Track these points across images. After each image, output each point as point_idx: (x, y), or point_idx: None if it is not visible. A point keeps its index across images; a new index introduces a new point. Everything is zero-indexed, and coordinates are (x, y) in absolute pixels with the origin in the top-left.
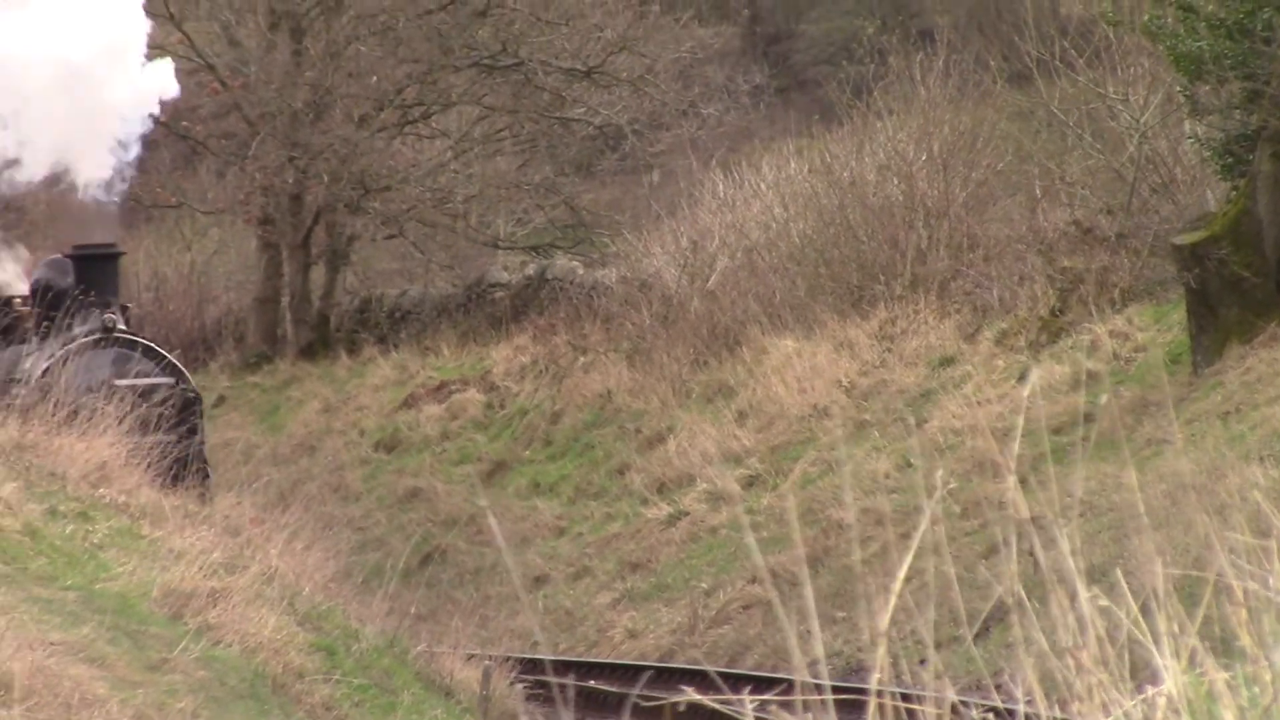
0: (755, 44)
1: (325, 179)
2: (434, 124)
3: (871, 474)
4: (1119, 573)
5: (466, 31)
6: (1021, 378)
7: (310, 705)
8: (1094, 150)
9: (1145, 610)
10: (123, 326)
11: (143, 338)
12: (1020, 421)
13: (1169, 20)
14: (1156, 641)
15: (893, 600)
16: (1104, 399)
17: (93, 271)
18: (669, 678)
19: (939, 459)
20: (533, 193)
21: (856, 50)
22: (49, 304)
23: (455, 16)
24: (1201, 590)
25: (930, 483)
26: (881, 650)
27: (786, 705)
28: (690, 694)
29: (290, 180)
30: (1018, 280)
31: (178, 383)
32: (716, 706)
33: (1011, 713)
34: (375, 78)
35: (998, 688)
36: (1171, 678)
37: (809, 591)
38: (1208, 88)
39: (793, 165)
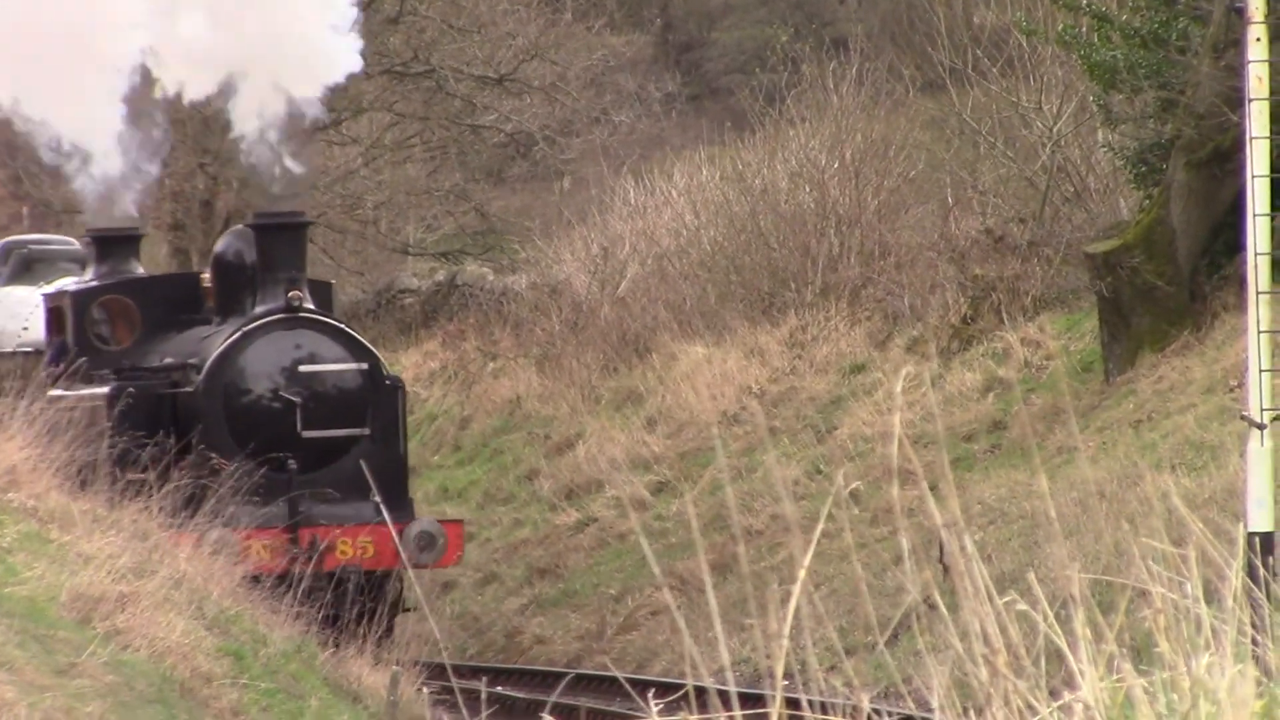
0: (667, 52)
1: (235, 185)
2: (344, 130)
3: (781, 480)
4: (1033, 578)
5: (378, 38)
6: (933, 384)
7: (218, 710)
8: (1007, 159)
9: (1060, 617)
10: (310, 305)
11: (332, 317)
12: (895, 425)
13: (1083, 29)
14: (1073, 647)
15: (792, 605)
16: (1015, 407)
17: (275, 242)
18: (577, 684)
19: (848, 465)
20: (443, 199)
21: (769, 58)
22: (229, 280)
23: (367, 24)
24: (1115, 598)
25: (839, 489)
26: (779, 656)
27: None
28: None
29: (201, 186)
30: (929, 288)
31: (372, 368)
32: (624, 713)
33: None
34: None
35: (912, 695)
36: (1088, 684)
37: (712, 598)
38: (1122, 97)
39: (704, 173)
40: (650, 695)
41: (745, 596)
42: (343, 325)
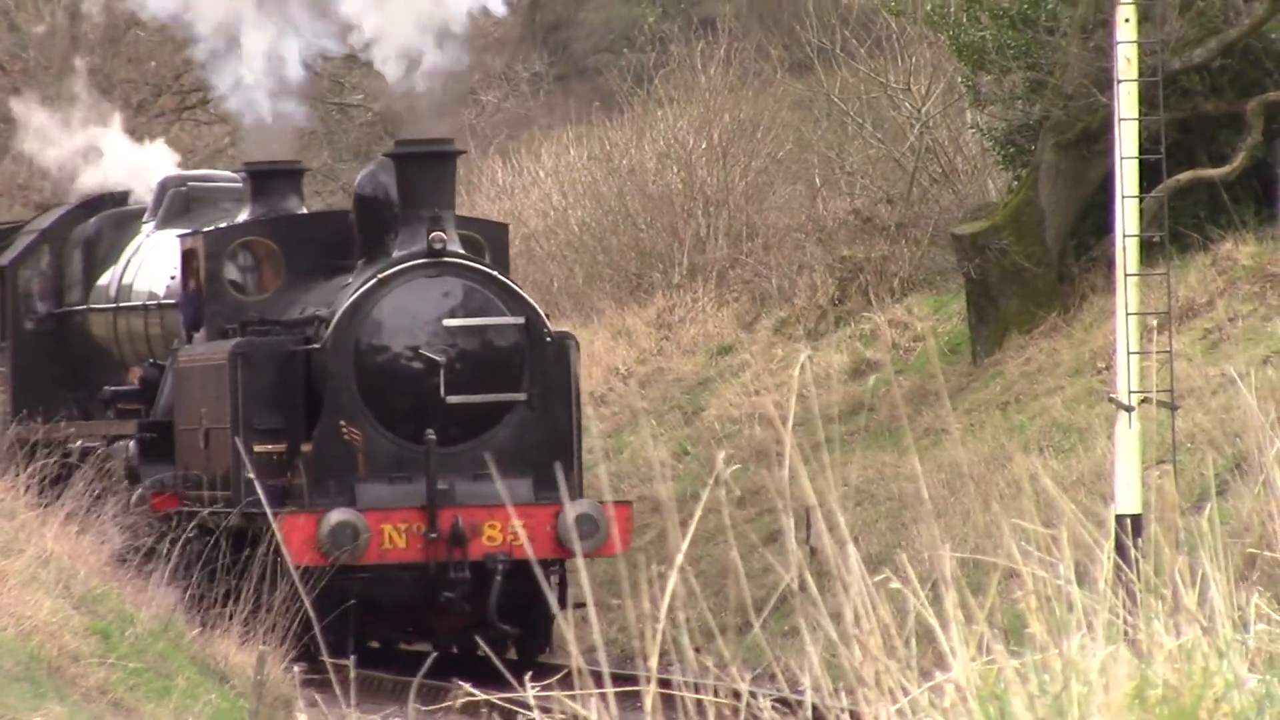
0: (534, 31)
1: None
2: (212, 110)
3: (648, 461)
4: (904, 558)
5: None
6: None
7: (85, 688)
8: (874, 140)
9: (931, 598)
10: (455, 249)
11: (483, 263)
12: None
13: (952, 9)
14: (944, 627)
15: (670, 587)
16: (884, 388)
17: (417, 175)
18: (451, 665)
19: (716, 447)
20: (310, 179)
21: (637, 38)
22: (370, 219)
23: None
24: (985, 580)
25: (721, 470)
26: (653, 637)
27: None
28: (467, 687)
29: None
30: (797, 269)
31: (530, 322)
32: (496, 700)
33: (799, 702)
34: (154, 63)
35: (784, 675)
36: (960, 664)
37: (585, 578)
38: (990, 77)
39: (572, 153)
40: (527, 677)
41: (614, 576)
42: (496, 272)
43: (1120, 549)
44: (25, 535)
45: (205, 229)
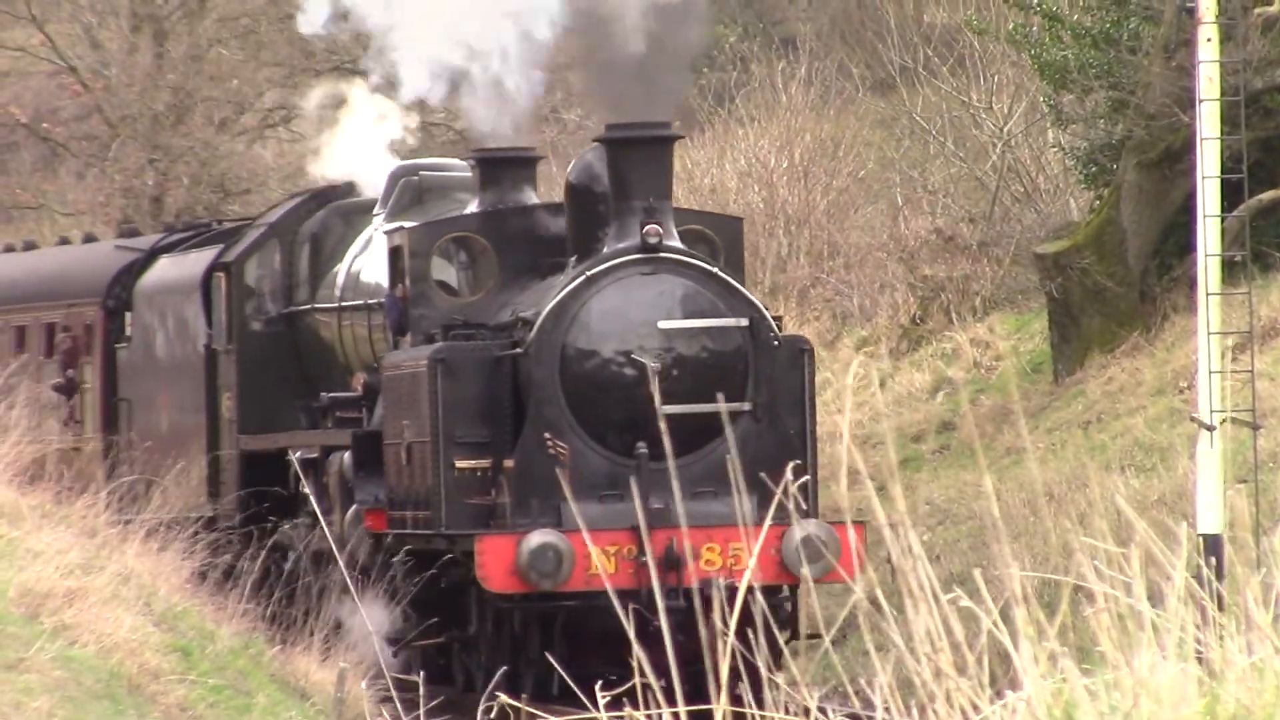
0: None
1: (185, 182)
2: (294, 128)
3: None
4: (978, 576)
5: (327, 35)
6: (882, 385)
7: (166, 706)
8: (956, 158)
9: (1005, 616)
10: (673, 243)
11: (703, 258)
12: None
13: (1034, 29)
14: (1016, 645)
15: (737, 605)
16: (964, 407)
17: (629, 161)
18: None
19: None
20: None
21: (718, 57)
22: (582, 212)
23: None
24: (1060, 599)
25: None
26: (724, 655)
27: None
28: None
29: (150, 183)
30: (878, 288)
31: (755, 325)
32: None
33: (870, 718)
34: (236, 81)
35: (856, 693)
36: (1031, 682)
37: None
38: (1072, 97)
39: None
40: (596, 688)
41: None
42: (717, 269)
43: (1197, 568)
44: (107, 552)
45: (410, 224)
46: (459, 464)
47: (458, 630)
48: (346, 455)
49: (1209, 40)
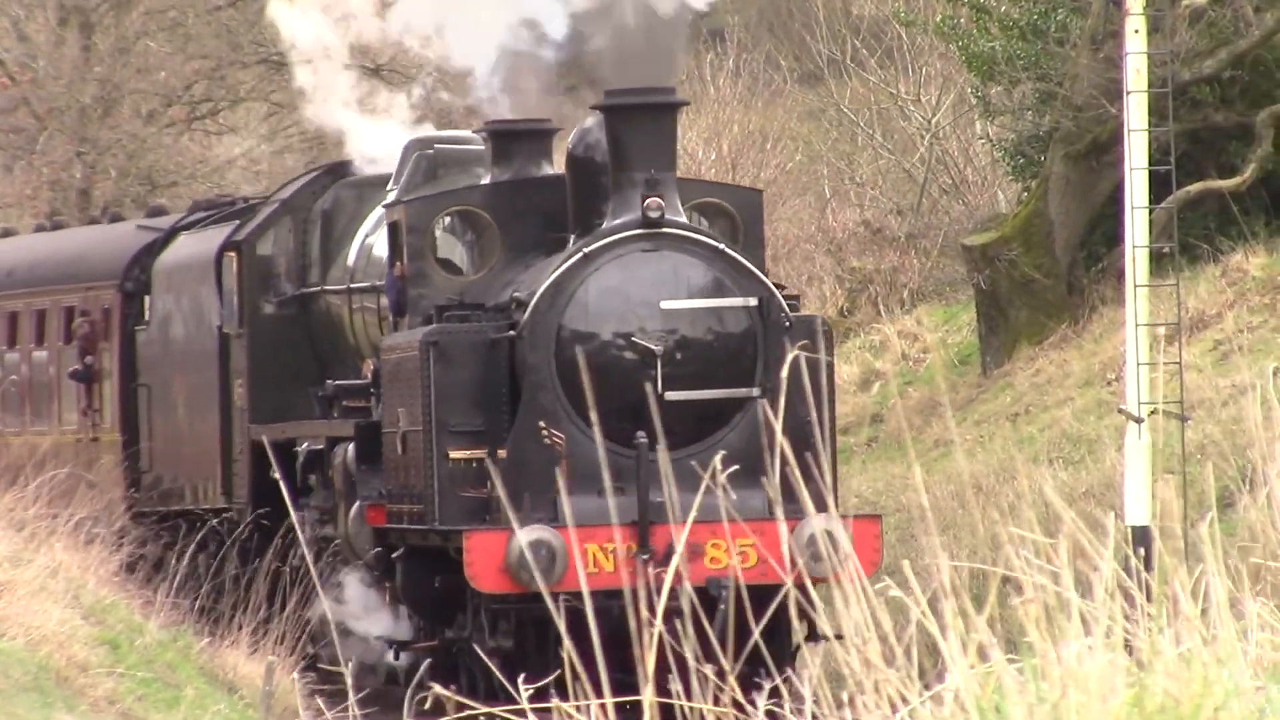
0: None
1: (113, 174)
2: (222, 120)
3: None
4: (907, 567)
5: (255, 28)
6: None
7: (94, 699)
8: (884, 150)
9: (934, 606)
10: (677, 217)
11: (708, 234)
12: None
13: (962, 20)
14: (944, 636)
15: (663, 597)
16: (892, 400)
17: (628, 130)
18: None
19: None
20: None
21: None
22: (582, 184)
23: (244, 13)
24: (988, 590)
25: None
26: (649, 645)
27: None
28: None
29: (78, 175)
30: (806, 280)
31: (764, 304)
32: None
33: (799, 710)
34: (164, 74)
35: (785, 682)
36: (959, 672)
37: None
38: (1000, 88)
39: None
40: (520, 681)
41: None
42: (723, 245)
43: (1125, 560)
44: (34, 546)
45: (408, 197)
46: (453, 454)
47: (454, 631)
48: (351, 447)
49: (1136, 32)
